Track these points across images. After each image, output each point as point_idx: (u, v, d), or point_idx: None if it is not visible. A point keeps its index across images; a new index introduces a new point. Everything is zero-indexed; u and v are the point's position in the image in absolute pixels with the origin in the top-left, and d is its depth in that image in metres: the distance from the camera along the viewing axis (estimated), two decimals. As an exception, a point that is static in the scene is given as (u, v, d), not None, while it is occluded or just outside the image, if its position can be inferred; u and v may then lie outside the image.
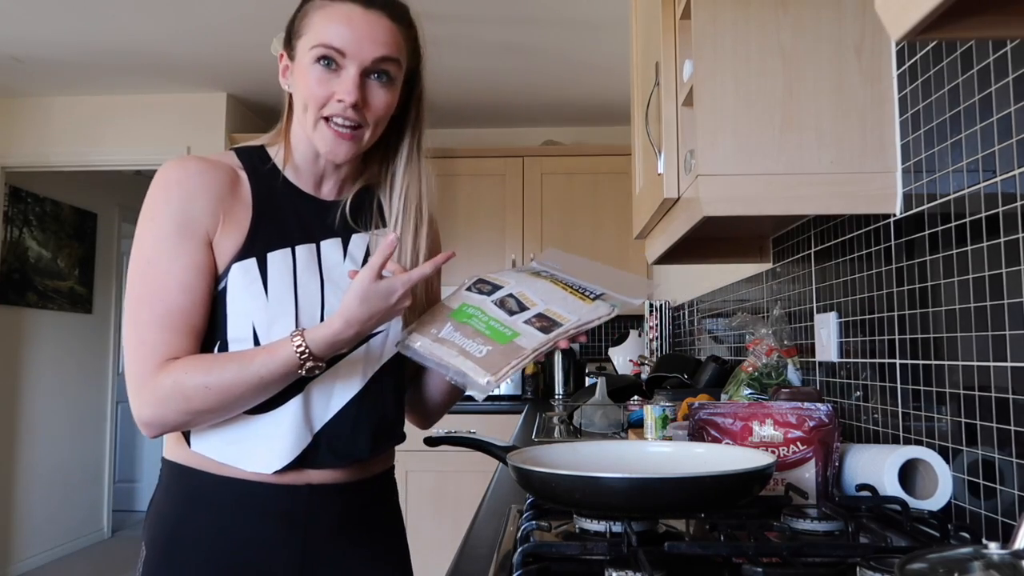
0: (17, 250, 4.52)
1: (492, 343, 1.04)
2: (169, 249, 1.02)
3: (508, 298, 1.10)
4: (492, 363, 1.02)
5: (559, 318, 1.06)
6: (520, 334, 1.04)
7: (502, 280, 1.14)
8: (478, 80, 3.89)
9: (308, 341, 0.99)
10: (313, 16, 1.06)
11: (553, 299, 1.10)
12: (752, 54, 1.30)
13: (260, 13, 3.15)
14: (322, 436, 1.06)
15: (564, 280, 1.13)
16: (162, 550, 1.04)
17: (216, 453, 1.05)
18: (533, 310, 1.08)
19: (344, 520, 1.09)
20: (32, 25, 3.28)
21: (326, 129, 1.06)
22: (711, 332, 2.86)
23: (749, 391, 1.59)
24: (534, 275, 1.15)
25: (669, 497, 0.88)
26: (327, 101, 1.05)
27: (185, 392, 0.99)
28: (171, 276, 1.02)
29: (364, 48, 1.04)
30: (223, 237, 1.05)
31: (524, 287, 1.12)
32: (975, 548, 0.60)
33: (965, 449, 1.07)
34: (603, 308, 1.07)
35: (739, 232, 1.91)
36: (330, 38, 1.04)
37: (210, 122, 4.16)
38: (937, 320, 1.15)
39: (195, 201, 1.04)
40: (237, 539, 1.04)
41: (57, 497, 4.78)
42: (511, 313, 1.08)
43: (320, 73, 1.04)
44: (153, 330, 1.01)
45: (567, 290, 1.11)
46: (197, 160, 1.07)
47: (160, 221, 1.03)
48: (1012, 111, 0.96)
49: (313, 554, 1.06)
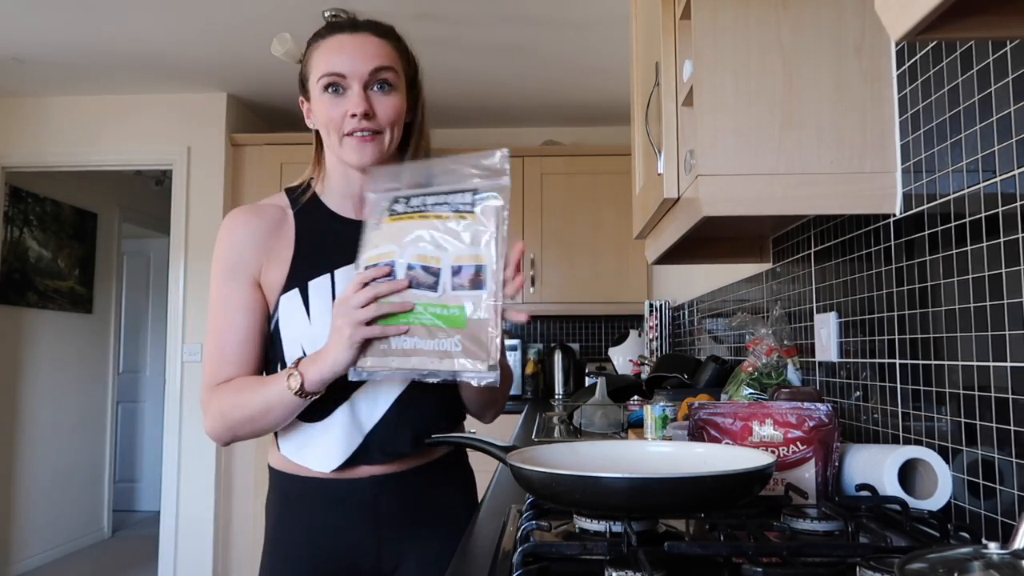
0: (17, 250, 4.52)
1: (456, 331, 1.03)
2: (223, 293, 1.22)
3: (412, 271, 1.06)
4: (476, 350, 1.02)
5: (475, 259, 1.04)
6: (463, 305, 1.03)
7: (381, 252, 1.08)
8: (478, 80, 3.89)
9: (301, 368, 1.11)
10: (313, 55, 1.22)
11: (445, 241, 1.05)
12: (752, 54, 1.30)
13: (260, 13, 3.15)
14: (371, 438, 1.20)
15: (428, 205, 1.08)
16: (271, 539, 1.26)
17: (293, 456, 1.23)
18: (446, 269, 1.04)
19: (410, 503, 1.23)
20: (32, 25, 3.28)
21: (349, 142, 1.20)
22: (711, 332, 2.86)
23: (749, 391, 1.59)
24: (396, 219, 1.09)
25: (669, 497, 0.88)
26: (343, 120, 1.19)
27: (222, 410, 1.18)
28: (224, 317, 1.21)
29: (359, 65, 1.18)
30: (269, 275, 1.22)
31: (408, 247, 1.06)
32: (975, 548, 0.60)
33: (965, 449, 1.07)
34: (488, 214, 1.05)
35: (739, 232, 1.91)
36: (330, 67, 1.19)
37: (210, 122, 4.16)
38: (937, 320, 1.15)
39: (240, 249, 1.22)
40: (323, 527, 1.21)
41: (57, 497, 4.78)
42: (433, 287, 1.04)
43: (330, 100, 1.20)
44: (212, 361, 1.21)
45: (443, 217, 1.06)
46: (246, 211, 1.25)
47: (216, 269, 1.23)
48: (1012, 111, 0.96)
49: (386, 535, 1.22)
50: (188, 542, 4.04)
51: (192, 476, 4.06)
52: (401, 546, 1.23)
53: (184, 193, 4.16)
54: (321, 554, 1.22)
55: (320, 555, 1.22)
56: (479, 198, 1.08)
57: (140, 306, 6.36)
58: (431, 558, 1.22)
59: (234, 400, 1.17)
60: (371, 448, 1.20)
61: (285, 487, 1.25)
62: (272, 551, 1.25)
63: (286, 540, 1.23)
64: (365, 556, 1.22)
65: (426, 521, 1.24)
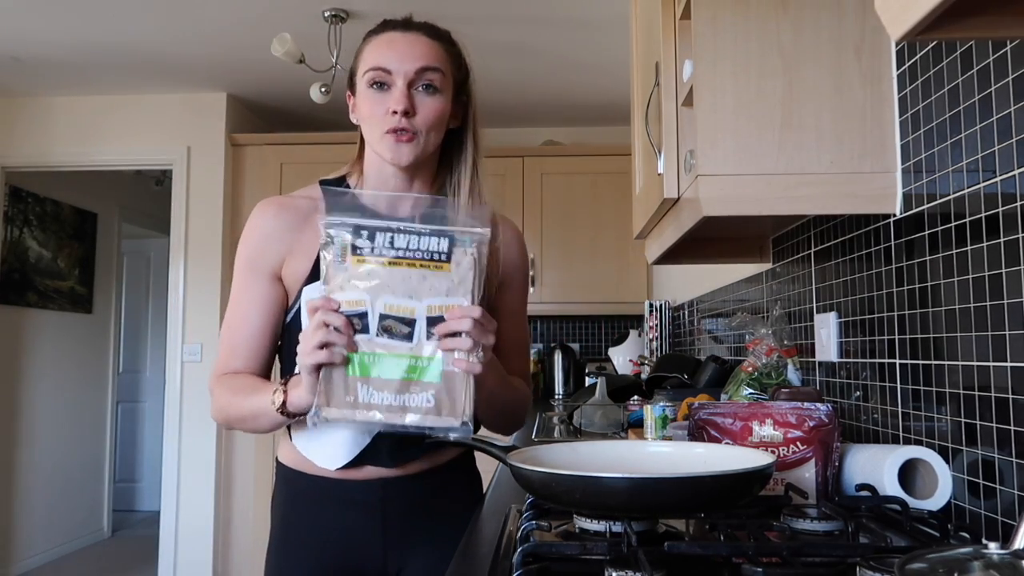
0: (17, 250, 4.52)
1: (429, 387, 0.99)
2: (242, 286, 1.23)
3: (385, 321, 1.01)
4: (449, 406, 0.99)
5: (446, 311, 1.00)
6: (438, 356, 1.00)
7: (354, 297, 1.02)
8: (478, 80, 3.88)
9: (288, 387, 1.10)
10: (363, 50, 1.21)
11: (418, 288, 1.01)
12: (752, 54, 1.30)
13: (260, 13, 3.15)
14: (380, 440, 1.20)
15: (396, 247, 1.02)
16: (278, 533, 1.26)
17: (303, 448, 1.23)
18: (420, 320, 1.01)
19: (417, 506, 1.24)
20: (32, 25, 3.28)
21: (388, 138, 1.17)
22: (711, 332, 2.86)
23: (749, 391, 1.59)
24: (361, 261, 1.03)
25: (669, 497, 0.88)
26: (384, 117, 1.17)
27: (220, 405, 1.21)
28: (240, 309, 1.23)
29: (406, 62, 1.17)
30: (292, 266, 1.21)
31: (380, 294, 1.01)
32: (975, 548, 0.60)
33: (965, 449, 1.07)
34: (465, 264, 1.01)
35: (739, 232, 1.91)
36: (377, 61, 1.17)
37: (210, 122, 4.16)
38: (937, 320, 1.15)
39: (261, 243, 1.22)
40: (330, 525, 1.22)
41: (57, 497, 4.78)
42: (407, 337, 1.01)
43: (374, 95, 1.18)
44: (224, 351, 1.23)
45: (414, 265, 1.02)
46: (272, 203, 1.25)
47: (239, 262, 1.24)
48: (1012, 111, 0.96)
49: (393, 537, 1.22)
50: (188, 542, 4.04)
51: (192, 476, 4.06)
52: (407, 549, 1.23)
53: (184, 193, 4.15)
54: (327, 553, 1.21)
55: (326, 554, 1.21)
56: (456, 245, 1.03)
57: (140, 306, 6.36)
58: (437, 562, 1.21)
59: (230, 399, 1.19)
60: (379, 450, 1.20)
61: (293, 484, 1.25)
62: (278, 549, 1.25)
63: (292, 538, 1.23)
64: (371, 557, 1.22)
65: (433, 525, 1.24)
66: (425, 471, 1.24)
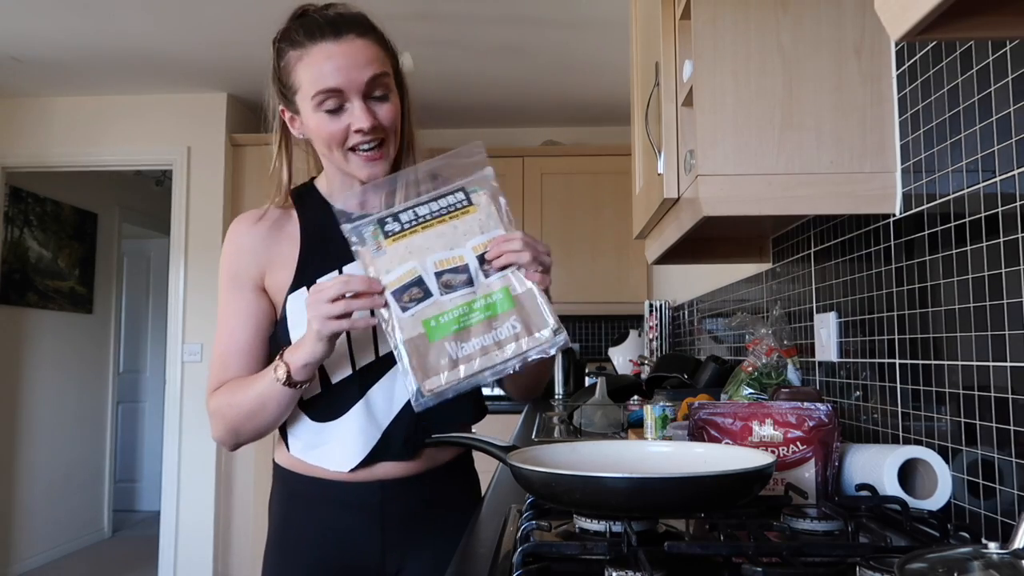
0: (17, 250, 4.52)
1: (508, 316, 1.04)
2: (226, 301, 1.22)
3: (442, 277, 1.05)
4: (536, 322, 1.04)
5: (487, 246, 1.06)
6: (506, 286, 1.05)
7: (404, 271, 1.05)
8: (478, 80, 3.89)
9: (286, 358, 1.11)
10: (297, 68, 1.14)
11: (458, 239, 1.06)
12: (752, 54, 1.30)
13: (260, 13, 3.15)
14: (390, 433, 1.19)
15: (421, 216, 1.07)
16: (275, 537, 1.25)
17: (305, 456, 1.22)
18: (472, 262, 1.05)
19: (416, 508, 1.23)
20: (32, 25, 3.28)
21: (356, 158, 1.15)
22: (711, 332, 2.86)
23: (749, 391, 1.59)
24: (397, 239, 1.07)
25: (669, 497, 0.88)
26: (346, 136, 1.13)
27: (222, 411, 1.18)
28: (226, 324, 1.22)
29: (354, 77, 1.11)
30: (274, 277, 1.21)
31: (426, 256, 1.06)
32: (975, 548, 0.60)
33: (965, 449, 1.07)
34: (484, 202, 1.07)
35: (739, 232, 1.91)
36: (323, 82, 1.11)
37: (210, 122, 4.16)
38: (937, 320, 1.15)
39: (240, 256, 1.22)
40: (328, 528, 1.21)
41: (57, 497, 4.78)
42: (468, 283, 1.05)
43: (328, 116, 1.13)
44: (215, 367, 1.22)
45: (444, 220, 1.07)
46: (245, 218, 1.24)
47: (222, 282, 1.24)
48: (1012, 111, 0.96)
49: (391, 539, 1.21)
50: (188, 542, 4.04)
51: (192, 476, 4.06)
52: (406, 549, 1.22)
53: (184, 193, 4.15)
54: (325, 554, 1.21)
55: (324, 555, 1.21)
56: (471, 192, 1.09)
57: (140, 306, 6.36)
58: (435, 562, 1.21)
59: (230, 399, 1.17)
60: (391, 444, 1.19)
61: (291, 485, 1.24)
62: (276, 549, 1.25)
63: (291, 538, 1.23)
64: (369, 558, 1.21)
65: (431, 525, 1.24)
66: (424, 472, 1.24)
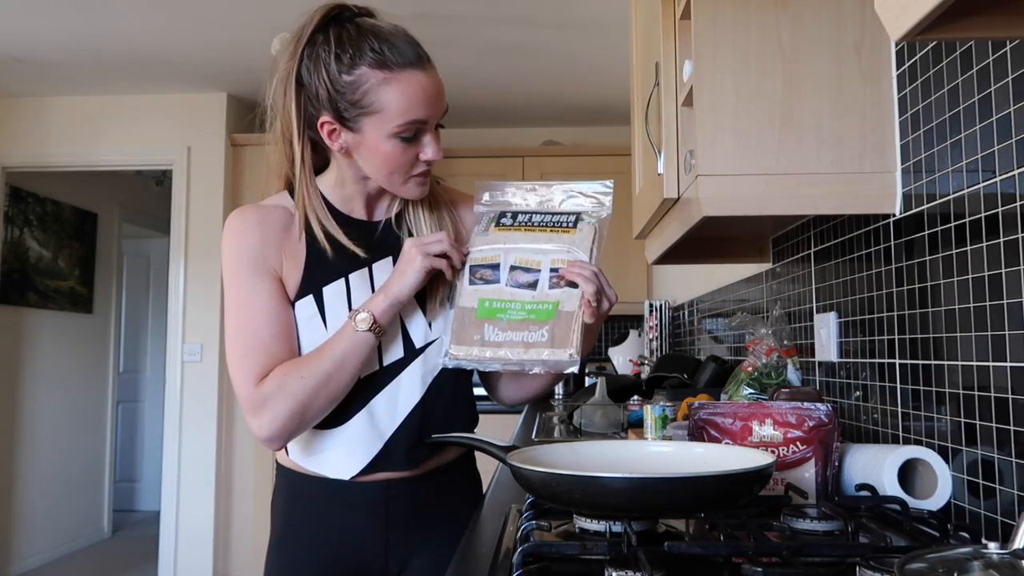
0: (17, 250, 4.52)
1: (544, 324, 1.10)
2: (249, 288, 1.15)
3: (514, 272, 1.15)
4: (561, 339, 1.09)
5: (565, 263, 1.13)
6: (560, 300, 1.11)
7: (487, 255, 1.17)
8: (478, 80, 3.89)
9: (365, 307, 1.12)
10: (380, 91, 1.08)
11: (546, 248, 1.15)
12: (752, 54, 1.30)
13: (260, 13, 3.15)
14: (392, 443, 1.18)
15: (533, 223, 1.18)
16: (278, 537, 1.24)
17: (303, 461, 1.21)
18: (545, 271, 1.14)
19: (420, 507, 1.22)
20: (32, 25, 3.28)
21: (413, 181, 1.16)
22: (711, 332, 2.86)
23: (749, 391, 1.59)
24: (503, 230, 1.19)
25: (669, 497, 0.88)
26: (413, 164, 1.14)
27: (288, 389, 1.11)
28: (255, 310, 1.14)
29: (438, 110, 1.14)
30: (287, 274, 1.17)
31: (513, 251, 1.16)
32: (974, 548, 0.60)
33: (965, 449, 1.07)
34: (586, 231, 1.15)
35: (739, 232, 1.91)
36: (415, 113, 1.09)
37: (210, 122, 4.16)
38: (937, 320, 1.15)
39: (260, 244, 1.16)
40: (331, 528, 1.20)
41: (57, 497, 4.78)
42: (532, 286, 1.13)
43: (403, 145, 1.11)
44: (249, 359, 1.13)
45: (546, 231, 1.17)
46: (253, 208, 1.20)
47: (236, 267, 1.16)
48: (1012, 111, 0.96)
49: (396, 538, 1.21)
50: (188, 542, 4.04)
51: (192, 476, 4.06)
52: (409, 548, 1.22)
53: (184, 193, 4.16)
54: (329, 553, 1.21)
55: (328, 554, 1.21)
56: (581, 219, 1.17)
57: (140, 306, 6.36)
58: (438, 561, 1.21)
59: (301, 372, 1.10)
60: (392, 454, 1.18)
61: (294, 485, 1.24)
62: (279, 548, 1.24)
63: (294, 538, 1.23)
64: (373, 557, 1.21)
65: (434, 524, 1.24)
66: (428, 472, 1.23)
